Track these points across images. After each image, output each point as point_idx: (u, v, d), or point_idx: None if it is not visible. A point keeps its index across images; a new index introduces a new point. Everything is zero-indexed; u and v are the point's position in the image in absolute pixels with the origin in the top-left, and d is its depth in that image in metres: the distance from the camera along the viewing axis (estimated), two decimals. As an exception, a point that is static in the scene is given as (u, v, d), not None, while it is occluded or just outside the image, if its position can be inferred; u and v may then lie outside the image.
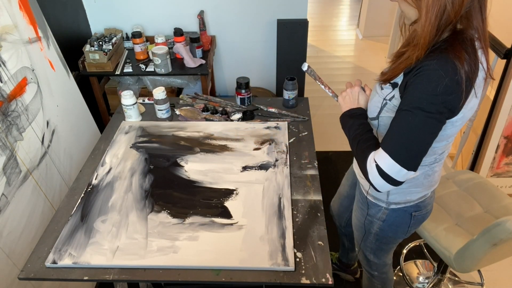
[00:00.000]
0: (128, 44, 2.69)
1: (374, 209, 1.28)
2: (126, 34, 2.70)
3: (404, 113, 0.95)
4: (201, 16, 2.56)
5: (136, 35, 2.45)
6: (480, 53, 0.95)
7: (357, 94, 1.19)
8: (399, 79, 1.02)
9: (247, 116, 1.79)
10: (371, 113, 1.13)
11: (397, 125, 0.97)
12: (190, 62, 2.43)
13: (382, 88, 1.08)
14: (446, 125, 0.98)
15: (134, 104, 1.75)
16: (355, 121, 1.13)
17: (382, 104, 1.08)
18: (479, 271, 1.97)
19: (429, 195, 1.25)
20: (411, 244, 2.11)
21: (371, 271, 1.55)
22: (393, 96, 1.04)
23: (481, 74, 0.96)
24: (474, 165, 2.40)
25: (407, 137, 0.95)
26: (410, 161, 0.95)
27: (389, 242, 1.37)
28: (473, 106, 0.99)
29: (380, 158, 0.98)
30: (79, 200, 1.38)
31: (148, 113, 1.86)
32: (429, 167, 1.16)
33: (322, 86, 1.35)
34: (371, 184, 1.02)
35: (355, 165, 1.37)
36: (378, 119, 1.11)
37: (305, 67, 1.34)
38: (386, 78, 1.06)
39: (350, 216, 1.56)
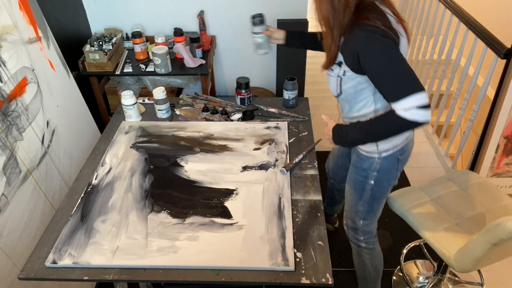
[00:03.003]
0: (128, 44, 2.69)
1: (368, 162, 1.41)
2: (126, 34, 2.69)
3: (384, 73, 1.12)
4: (201, 16, 2.56)
5: (136, 35, 2.45)
6: (382, 7, 1.19)
7: (329, 126, 1.37)
8: (340, 58, 1.24)
9: (247, 116, 1.79)
10: (334, 92, 1.35)
11: (388, 80, 1.13)
12: (190, 62, 2.43)
13: (332, 70, 1.29)
14: None
15: (134, 104, 1.75)
16: (344, 132, 1.29)
17: (339, 81, 1.29)
18: (479, 271, 1.97)
19: (410, 137, 1.41)
20: (411, 244, 2.11)
21: (359, 243, 1.62)
22: (344, 71, 1.25)
23: (393, 20, 1.19)
24: (474, 165, 2.40)
25: (402, 77, 1.11)
26: (419, 84, 1.10)
27: (382, 192, 1.48)
28: (403, 45, 1.22)
29: (409, 102, 1.09)
30: (79, 200, 1.38)
31: (148, 113, 1.86)
32: None
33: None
34: (422, 124, 1.12)
35: None
36: (342, 93, 1.32)
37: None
38: (327, 65, 1.29)
39: (344, 174, 1.67)
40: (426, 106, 1.09)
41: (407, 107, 1.09)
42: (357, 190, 1.49)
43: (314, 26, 1.34)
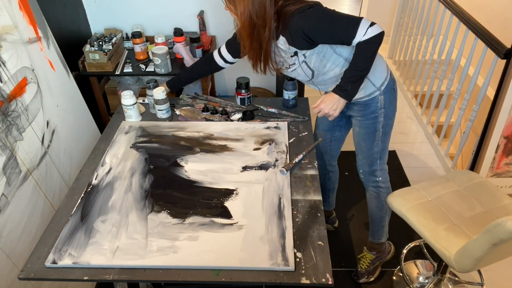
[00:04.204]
0: (128, 44, 2.69)
1: (374, 103, 1.57)
2: (126, 34, 2.69)
3: (332, 24, 1.34)
4: (201, 16, 2.56)
5: (136, 35, 2.45)
6: None
7: (327, 99, 1.47)
8: (292, 49, 1.42)
9: (247, 116, 1.79)
10: (308, 75, 1.52)
11: (338, 27, 1.34)
12: (190, 62, 2.43)
13: (293, 64, 1.47)
14: None
15: (134, 104, 1.75)
16: (343, 83, 1.43)
17: (305, 65, 1.47)
18: (479, 271, 1.97)
19: (388, 68, 1.61)
20: (411, 244, 2.11)
21: (378, 184, 1.77)
22: (303, 55, 1.44)
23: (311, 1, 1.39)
24: (474, 165, 2.40)
25: (340, 18, 1.34)
26: (356, 17, 1.33)
27: (390, 125, 1.65)
28: None
29: (360, 32, 1.32)
30: (79, 200, 1.38)
31: (148, 113, 1.86)
32: None
33: None
34: (383, 34, 1.35)
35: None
36: (313, 71, 1.49)
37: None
38: (264, 66, 1.49)
39: (336, 146, 1.90)
40: (372, 23, 1.33)
41: (363, 33, 1.32)
42: (370, 134, 1.64)
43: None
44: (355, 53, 1.38)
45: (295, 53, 1.43)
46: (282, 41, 1.42)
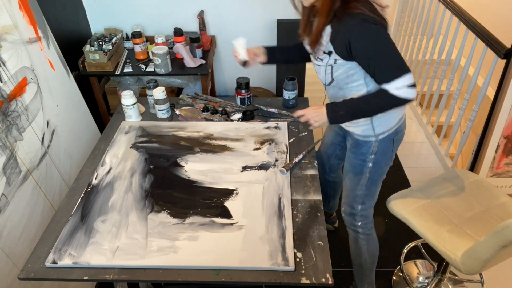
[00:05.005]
0: (128, 44, 2.69)
1: (366, 146, 1.47)
2: (126, 34, 2.69)
3: (375, 57, 1.21)
4: (201, 16, 2.56)
5: (136, 35, 2.45)
6: None
7: (316, 108, 1.39)
8: (330, 48, 1.28)
9: (247, 116, 1.79)
10: (326, 80, 1.39)
11: (379, 64, 1.22)
12: (190, 62, 2.43)
13: (322, 59, 1.32)
14: None
15: (134, 104, 1.75)
16: (337, 109, 1.33)
17: (330, 70, 1.34)
18: (479, 271, 1.97)
19: (403, 118, 1.48)
20: (411, 244, 2.11)
21: (356, 228, 1.65)
22: (335, 60, 1.30)
23: (378, 8, 1.24)
24: (474, 165, 2.40)
25: (392, 60, 1.22)
26: (406, 65, 1.22)
27: (380, 174, 1.53)
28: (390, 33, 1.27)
29: (399, 83, 1.21)
30: (79, 200, 1.38)
31: (148, 113, 1.86)
32: None
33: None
34: (410, 101, 1.25)
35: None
36: (333, 80, 1.36)
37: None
38: (310, 44, 1.33)
39: (335, 162, 1.83)
40: (414, 85, 1.23)
41: (399, 87, 1.21)
42: (356, 175, 1.53)
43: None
44: (374, 93, 1.28)
45: (329, 53, 1.29)
46: (327, 31, 1.27)
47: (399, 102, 1.24)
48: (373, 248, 1.70)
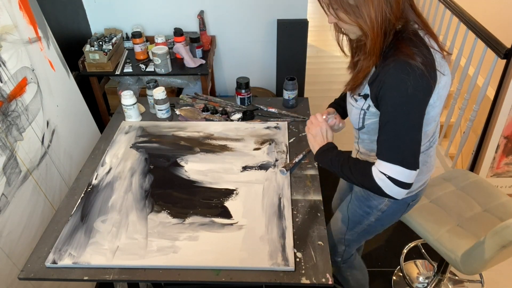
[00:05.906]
0: (128, 44, 2.69)
1: (376, 201, 1.30)
2: (126, 34, 2.69)
3: (389, 125, 1.01)
4: (201, 16, 2.56)
5: (136, 35, 2.45)
6: (427, 39, 1.03)
7: (326, 132, 1.24)
8: (367, 90, 1.09)
9: (247, 116, 1.79)
10: (356, 124, 1.19)
11: (387, 135, 1.03)
12: (190, 62, 2.43)
13: (356, 100, 1.14)
14: (427, 110, 1.04)
15: (134, 104, 1.75)
16: (333, 153, 1.18)
17: (362, 115, 1.14)
18: (479, 271, 1.97)
19: (427, 182, 1.31)
20: (411, 244, 2.11)
21: (337, 264, 1.59)
22: (368, 106, 1.11)
23: (438, 56, 1.03)
24: (474, 165, 2.40)
25: (401, 142, 1.01)
26: (413, 161, 1.01)
27: (377, 230, 1.41)
28: (445, 84, 1.05)
29: (387, 169, 1.02)
30: (79, 200, 1.38)
31: (148, 113, 1.86)
32: (425, 153, 1.20)
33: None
34: (388, 196, 1.05)
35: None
36: (364, 127, 1.17)
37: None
38: (350, 88, 1.15)
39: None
40: (401, 183, 1.01)
41: (382, 171, 1.02)
42: (352, 221, 1.41)
43: (314, 26, 1.33)
44: (363, 163, 1.09)
45: (365, 96, 1.10)
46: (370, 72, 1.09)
47: (373, 187, 1.05)
48: (358, 276, 1.66)
